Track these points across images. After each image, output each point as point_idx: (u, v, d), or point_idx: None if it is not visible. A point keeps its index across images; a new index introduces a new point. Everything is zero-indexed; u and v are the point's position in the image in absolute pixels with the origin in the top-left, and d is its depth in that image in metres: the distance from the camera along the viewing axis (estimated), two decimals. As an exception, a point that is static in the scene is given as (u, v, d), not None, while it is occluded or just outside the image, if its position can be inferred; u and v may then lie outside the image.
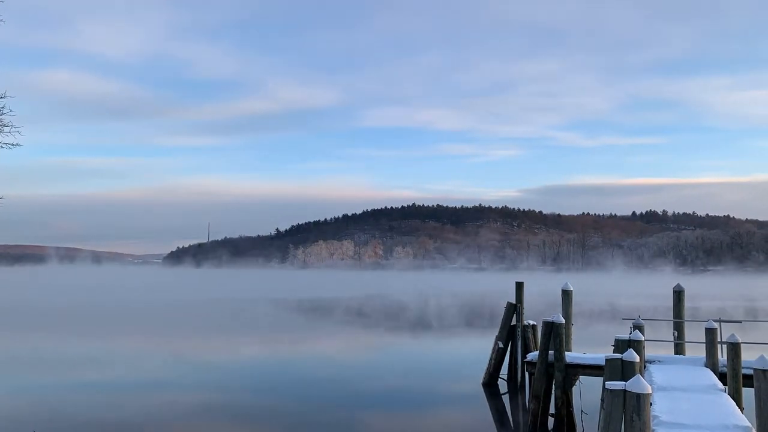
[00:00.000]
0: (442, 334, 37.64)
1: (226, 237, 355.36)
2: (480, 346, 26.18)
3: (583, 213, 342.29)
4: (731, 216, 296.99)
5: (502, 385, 19.93)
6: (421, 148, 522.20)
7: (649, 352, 15.17)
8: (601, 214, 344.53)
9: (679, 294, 17.66)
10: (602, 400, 12.50)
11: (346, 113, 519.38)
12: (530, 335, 19.32)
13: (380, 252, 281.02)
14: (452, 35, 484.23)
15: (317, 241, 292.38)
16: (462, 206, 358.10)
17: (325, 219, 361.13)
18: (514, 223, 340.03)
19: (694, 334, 17.37)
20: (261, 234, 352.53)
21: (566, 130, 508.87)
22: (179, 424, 15.74)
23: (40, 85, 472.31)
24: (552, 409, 15.66)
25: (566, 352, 15.62)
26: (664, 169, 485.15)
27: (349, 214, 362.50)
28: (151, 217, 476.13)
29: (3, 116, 12.53)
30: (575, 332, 17.79)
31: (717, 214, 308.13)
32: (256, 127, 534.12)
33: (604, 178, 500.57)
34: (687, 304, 18.00)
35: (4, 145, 12.70)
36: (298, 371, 23.89)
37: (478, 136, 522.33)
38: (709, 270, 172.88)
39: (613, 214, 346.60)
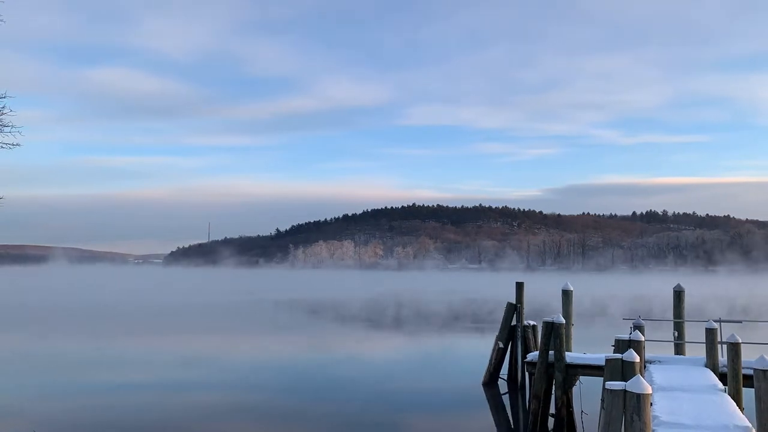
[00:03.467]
0: (443, 334, 37.63)
1: (226, 237, 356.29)
2: (480, 346, 26.22)
3: (583, 213, 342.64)
4: (731, 216, 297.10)
5: (502, 385, 19.93)
6: (456, 147, 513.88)
7: (650, 352, 15.16)
8: (600, 214, 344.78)
9: (679, 294, 17.65)
10: (602, 400, 12.49)
11: (391, 111, 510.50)
12: (530, 335, 19.33)
13: (380, 252, 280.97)
14: (524, 28, 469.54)
15: (317, 241, 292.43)
16: (462, 206, 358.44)
17: (326, 219, 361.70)
18: (514, 223, 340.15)
19: (694, 334, 17.35)
20: (261, 234, 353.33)
21: (608, 127, 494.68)
22: (196, 425, 15.71)
23: (94, 83, 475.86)
24: (552, 409, 15.66)
25: (566, 353, 15.62)
26: (699, 168, 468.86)
27: (350, 214, 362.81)
28: (154, 217, 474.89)
29: (3, 116, 12.50)
30: (575, 332, 17.79)
31: (717, 214, 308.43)
32: (295, 127, 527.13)
33: (631, 177, 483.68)
34: (687, 304, 18.00)
35: (4, 145, 12.67)
36: (299, 371, 23.87)
37: (518, 134, 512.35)
38: (709, 270, 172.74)
39: (614, 214, 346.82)
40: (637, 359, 10.73)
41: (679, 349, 17.08)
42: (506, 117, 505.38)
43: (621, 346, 13.31)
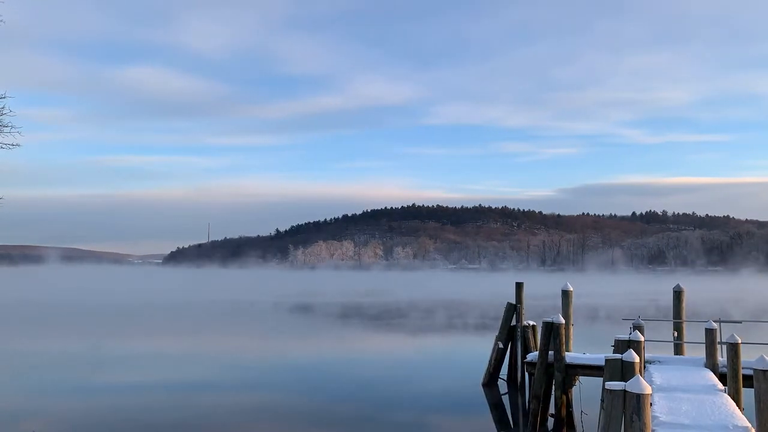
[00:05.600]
0: (442, 334, 37.62)
1: (226, 237, 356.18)
2: (480, 346, 26.22)
3: (583, 213, 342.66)
4: (731, 216, 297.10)
5: (502, 386, 19.94)
6: (476, 146, 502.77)
7: (649, 352, 15.17)
8: (600, 214, 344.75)
9: (678, 294, 17.67)
10: (602, 400, 12.50)
11: (419, 111, 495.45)
12: (530, 335, 19.34)
13: (380, 252, 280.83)
14: (570, 23, 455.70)
15: (317, 242, 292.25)
16: (462, 206, 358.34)
17: (325, 219, 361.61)
18: (514, 224, 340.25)
19: (694, 334, 17.37)
20: (261, 234, 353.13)
21: (634, 126, 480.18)
22: (200, 425, 15.70)
23: (124, 82, 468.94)
24: (552, 410, 15.67)
25: (566, 353, 15.63)
26: (717, 168, 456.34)
27: (349, 215, 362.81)
28: (154, 217, 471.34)
29: (3, 116, 12.52)
30: (575, 332, 17.80)
31: (717, 214, 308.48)
32: (319, 126, 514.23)
33: (647, 177, 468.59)
34: (687, 304, 18.00)
35: (3, 146, 12.70)
36: (296, 372, 23.85)
37: (541, 133, 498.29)
38: (709, 270, 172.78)
39: (613, 214, 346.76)
40: (637, 359, 10.73)
41: (678, 350, 17.10)
42: (534, 115, 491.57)
43: (621, 346, 13.32)
